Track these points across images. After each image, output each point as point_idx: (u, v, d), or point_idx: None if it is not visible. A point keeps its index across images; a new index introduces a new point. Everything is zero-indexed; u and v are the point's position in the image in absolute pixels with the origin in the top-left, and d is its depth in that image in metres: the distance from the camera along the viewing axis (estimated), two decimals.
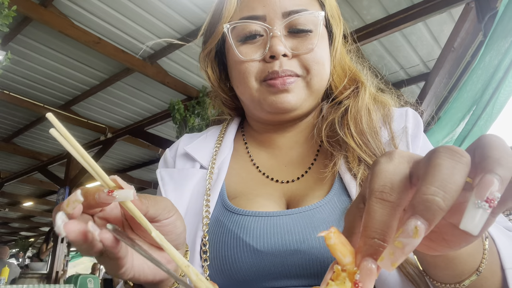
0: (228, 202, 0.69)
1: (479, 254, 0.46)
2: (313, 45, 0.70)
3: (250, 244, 0.61)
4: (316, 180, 0.70)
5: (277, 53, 0.68)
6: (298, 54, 0.70)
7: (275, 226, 0.62)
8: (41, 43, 4.54)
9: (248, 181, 0.74)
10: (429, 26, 3.93)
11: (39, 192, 11.15)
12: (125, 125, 6.59)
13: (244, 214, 0.65)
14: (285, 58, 0.69)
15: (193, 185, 0.73)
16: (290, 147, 0.78)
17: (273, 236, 0.61)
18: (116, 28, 4.27)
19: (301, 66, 0.71)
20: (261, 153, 0.79)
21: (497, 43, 2.36)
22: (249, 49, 0.71)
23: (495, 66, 2.37)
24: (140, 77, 5.02)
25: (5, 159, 8.30)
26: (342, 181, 0.67)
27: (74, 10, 3.98)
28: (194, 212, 0.69)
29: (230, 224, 0.64)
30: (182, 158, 0.80)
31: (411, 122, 0.73)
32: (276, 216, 0.64)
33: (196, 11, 3.91)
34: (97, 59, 4.81)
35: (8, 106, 5.90)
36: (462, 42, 3.11)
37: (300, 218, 0.63)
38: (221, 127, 0.87)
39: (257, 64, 0.71)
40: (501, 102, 2.42)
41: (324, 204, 0.64)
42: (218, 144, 0.81)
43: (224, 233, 0.64)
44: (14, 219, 14.37)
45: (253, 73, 0.71)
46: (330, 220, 0.62)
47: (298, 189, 0.70)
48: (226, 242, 0.63)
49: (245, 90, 0.73)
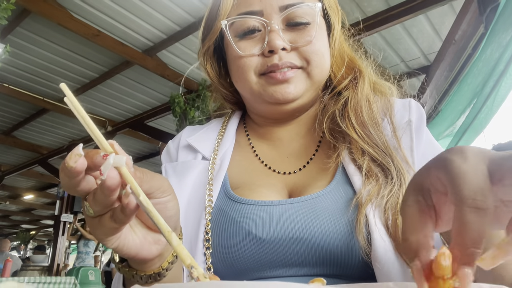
0: (231, 192, 0.69)
1: None
2: (311, 37, 0.70)
3: (253, 232, 0.62)
4: (318, 171, 0.71)
5: (276, 47, 0.69)
6: (297, 46, 0.71)
7: (277, 214, 0.63)
8: (40, 36, 4.52)
9: (251, 172, 0.75)
10: (430, 18, 3.91)
11: (40, 185, 11.17)
12: (125, 118, 6.58)
13: (246, 203, 0.66)
14: (284, 52, 0.70)
15: (194, 176, 0.74)
16: (292, 139, 0.79)
17: (275, 224, 0.62)
18: (116, 21, 4.24)
19: (300, 58, 0.71)
20: (263, 145, 0.80)
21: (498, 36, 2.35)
22: (248, 44, 0.72)
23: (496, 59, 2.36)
24: (139, 70, 5.00)
25: (5, 152, 8.30)
26: (345, 171, 0.68)
27: (73, 2, 3.96)
28: (196, 201, 0.70)
29: (233, 212, 0.65)
30: (184, 150, 0.81)
31: (415, 115, 0.73)
32: (279, 205, 0.65)
33: (196, 3, 3.88)
34: (96, 52, 4.79)
35: (7, 99, 5.89)
36: (463, 35, 3.09)
37: (302, 206, 0.63)
38: (223, 119, 0.88)
39: (256, 58, 0.71)
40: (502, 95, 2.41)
41: (326, 193, 0.64)
42: (220, 136, 0.81)
43: (226, 221, 0.65)
44: (15, 212, 14.42)
45: (252, 67, 0.72)
46: (332, 208, 0.62)
47: (300, 180, 0.71)
48: (229, 231, 0.63)
49: (245, 84, 0.74)
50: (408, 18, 3.55)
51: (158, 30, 4.38)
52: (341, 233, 0.59)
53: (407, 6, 3.43)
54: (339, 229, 0.60)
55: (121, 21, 4.25)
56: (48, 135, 7.52)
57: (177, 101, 4.93)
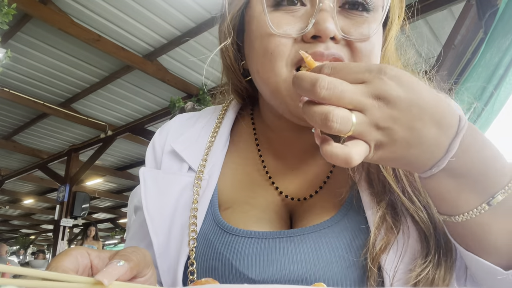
0: (218, 216, 0.58)
1: (500, 183, 0.43)
2: (371, 32, 0.53)
3: (244, 273, 0.52)
4: (327, 198, 0.59)
5: (326, 32, 0.50)
6: (350, 39, 0.52)
7: (273, 251, 0.53)
8: (41, 41, 4.54)
9: (247, 186, 0.63)
10: (429, 23, 3.93)
11: (40, 189, 11.15)
12: (125, 122, 6.59)
13: (236, 233, 0.55)
14: (332, 42, 0.52)
15: (178, 193, 0.62)
16: (303, 152, 0.64)
17: (270, 264, 0.52)
18: (116, 26, 4.26)
19: (350, 56, 0.53)
20: (269, 153, 0.66)
21: (497, 41, 2.36)
22: (284, 19, 0.52)
23: (495, 63, 2.37)
24: (140, 74, 5.01)
25: (6, 157, 8.30)
26: (359, 196, 0.56)
27: (74, 7, 3.98)
28: (179, 225, 0.59)
29: (220, 246, 0.55)
30: (169, 156, 0.66)
31: None
32: (275, 238, 0.54)
33: (196, 8, 3.90)
34: (97, 57, 4.80)
35: (8, 103, 5.90)
36: (463, 40, 3.10)
37: (304, 240, 0.53)
38: (218, 112, 0.71)
39: (291, 42, 0.52)
40: (502, 100, 2.41)
41: (333, 224, 0.54)
42: (212, 139, 0.66)
43: (213, 256, 0.55)
44: (14, 217, 14.40)
45: (284, 54, 0.52)
46: (337, 246, 0.52)
47: (304, 204, 0.60)
48: (216, 267, 0.54)
49: (269, 76, 0.54)
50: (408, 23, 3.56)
51: (158, 35, 4.40)
52: (350, 280, 0.50)
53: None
54: (349, 275, 0.50)
55: (121, 26, 4.27)
56: (48, 140, 7.52)
57: (177, 106, 4.93)
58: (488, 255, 0.46)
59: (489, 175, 0.43)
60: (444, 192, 0.44)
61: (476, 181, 0.43)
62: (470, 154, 0.42)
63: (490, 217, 0.43)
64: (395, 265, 0.49)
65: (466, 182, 0.43)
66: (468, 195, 0.43)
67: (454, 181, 0.43)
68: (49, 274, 0.32)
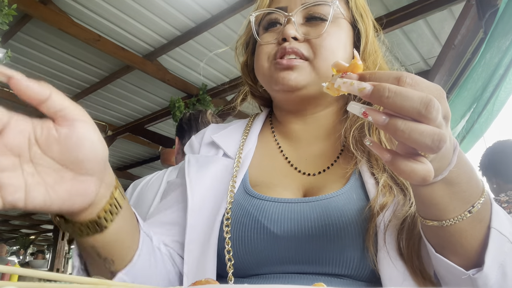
0: (250, 188, 0.73)
1: (477, 194, 0.52)
2: (323, 31, 0.75)
3: (268, 227, 0.64)
4: (336, 176, 0.73)
5: (287, 35, 0.74)
6: (308, 38, 0.75)
7: (292, 211, 0.66)
8: (41, 41, 4.54)
9: (271, 171, 0.79)
10: (429, 23, 3.92)
11: None
12: (125, 122, 6.59)
13: (264, 199, 0.69)
14: (296, 42, 0.75)
15: (215, 170, 0.78)
16: (311, 141, 0.82)
17: (289, 221, 0.64)
18: (116, 26, 4.26)
19: (309, 49, 0.75)
20: (286, 144, 0.84)
21: (497, 41, 2.36)
22: (269, 35, 0.80)
23: (495, 63, 2.37)
24: (140, 74, 5.01)
25: None
26: (361, 177, 0.70)
27: (74, 7, 3.97)
28: (216, 195, 0.74)
29: (250, 207, 0.68)
30: (207, 146, 0.86)
31: None
32: (294, 202, 0.67)
33: (196, 8, 3.90)
34: (97, 57, 4.80)
35: (8, 103, 5.91)
36: (463, 40, 3.10)
37: (316, 206, 0.66)
38: (247, 121, 0.93)
39: (271, 46, 0.78)
40: (502, 100, 2.42)
41: (340, 194, 0.67)
42: (244, 136, 0.86)
43: (243, 215, 0.68)
44: (14, 217, 14.39)
45: (266, 54, 0.79)
46: (345, 209, 0.64)
47: (316, 182, 0.73)
48: (245, 224, 0.66)
49: (259, 69, 0.80)
50: (408, 23, 3.56)
51: (158, 35, 4.39)
52: (352, 237, 0.62)
53: (406, 11, 3.44)
54: (351, 233, 0.62)
55: (121, 26, 4.27)
56: None
57: (177, 106, 4.93)
58: (456, 256, 0.54)
59: (472, 184, 0.51)
60: (437, 198, 0.50)
61: (464, 190, 0.51)
62: (462, 165, 0.50)
63: (467, 223, 0.52)
64: (388, 215, 0.62)
65: (457, 190, 0.50)
66: (456, 203, 0.51)
67: (448, 189, 0.50)
68: (50, 274, 0.32)
